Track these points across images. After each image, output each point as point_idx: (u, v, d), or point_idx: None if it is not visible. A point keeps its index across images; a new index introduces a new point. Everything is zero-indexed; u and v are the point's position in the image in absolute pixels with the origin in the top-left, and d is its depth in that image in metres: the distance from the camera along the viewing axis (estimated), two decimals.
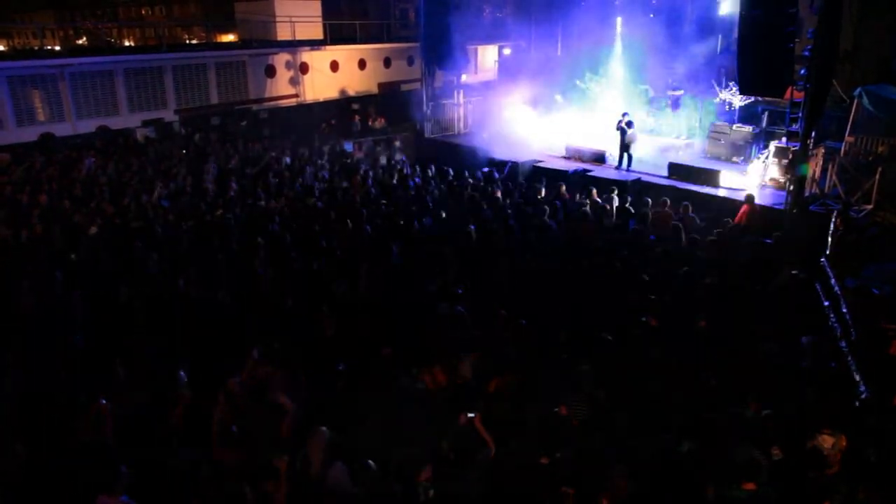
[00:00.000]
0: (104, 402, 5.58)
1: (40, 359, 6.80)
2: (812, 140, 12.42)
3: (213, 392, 5.98)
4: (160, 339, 7.31)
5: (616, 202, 12.74)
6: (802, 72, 12.19)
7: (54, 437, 5.54)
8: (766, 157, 14.48)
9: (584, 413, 5.84)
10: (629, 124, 15.89)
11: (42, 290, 8.53)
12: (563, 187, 13.57)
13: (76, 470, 5.05)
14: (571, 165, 16.48)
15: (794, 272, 8.74)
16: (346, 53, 25.80)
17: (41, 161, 15.99)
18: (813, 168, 12.88)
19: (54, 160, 16.17)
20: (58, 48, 32.33)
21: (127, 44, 41.59)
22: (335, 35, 25.88)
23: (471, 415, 5.49)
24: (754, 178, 14.48)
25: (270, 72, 23.69)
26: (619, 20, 20.50)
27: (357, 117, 23.71)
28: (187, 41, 40.45)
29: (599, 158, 16.73)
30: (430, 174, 15.41)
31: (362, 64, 26.44)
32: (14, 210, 12.24)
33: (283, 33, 24.23)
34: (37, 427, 5.69)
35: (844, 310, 7.90)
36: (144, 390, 6.16)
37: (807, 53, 12.10)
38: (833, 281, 8.70)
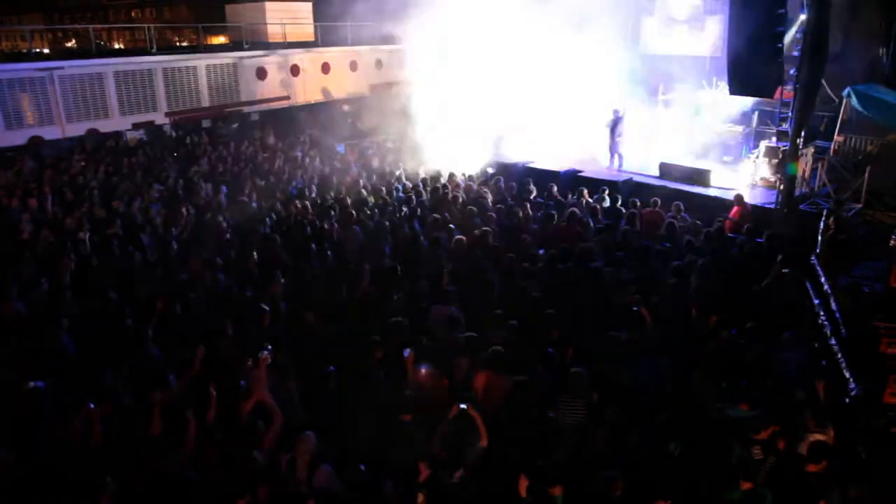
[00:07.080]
0: (92, 406, 5.53)
1: (29, 364, 6.73)
2: (802, 139, 12.48)
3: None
4: (150, 343, 7.25)
5: (607, 202, 12.75)
6: (792, 72, 12.26)
7: (42, 443, 5.47)
8: (757, 157, 14.55)
9: (577, 417, 5.82)
10: (619, 122, 15.91)
11: (31, 295, 8.45)
12: (555, 188, 13.56)
13: (64, 476, 5.00)
14: (562, 166, 16.48)
15: (784, 271, 8.77)
16: (337, 55, 25.76)
17: (30, 165, 15.86)
18: (803, 167, 12.94)
19: (44, 164, 16.03)
20: (47, 51, 32.17)
21: (117, 46, 41.47)
22: (326, 37, 25.83)
23: (463, 406, 5.46)
24: (745, 178, 14.54)
25: (261, 74, 23.60)
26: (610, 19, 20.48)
27: (349, 119, 23.64)
28: (178, 44, 40.36)
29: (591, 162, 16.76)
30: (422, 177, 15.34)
31: (354, 66, 26.39)
32: (3, 215, 12.12)
33: (274, 35, 24.16)
34: (25, 432, 5.62)
35: (835, 308, 7.93)
36: (133, 395, 6.11)
37: (796, 53, 12.17)
38: (823, 279, 8.73)
